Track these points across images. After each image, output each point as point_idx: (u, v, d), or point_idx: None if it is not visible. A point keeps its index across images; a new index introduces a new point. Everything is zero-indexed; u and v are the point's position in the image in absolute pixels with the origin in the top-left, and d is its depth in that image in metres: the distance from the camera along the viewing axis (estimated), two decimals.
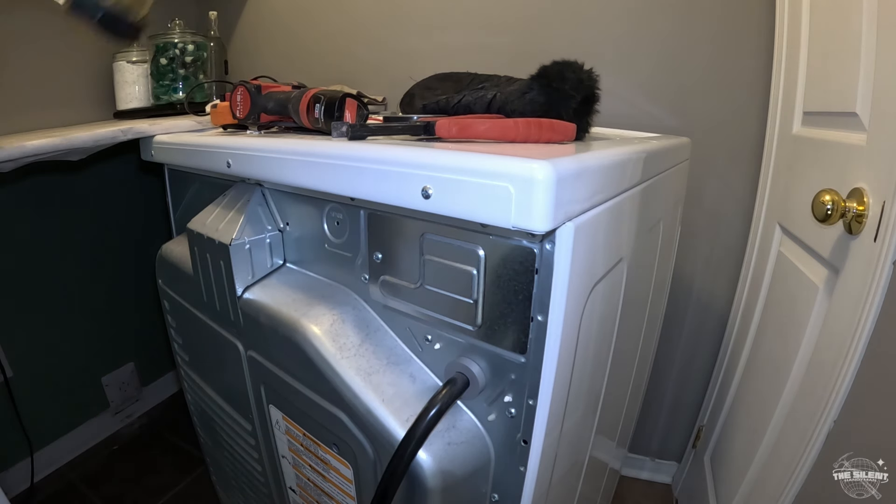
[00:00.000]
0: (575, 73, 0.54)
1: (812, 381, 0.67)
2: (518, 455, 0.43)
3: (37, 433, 1.21)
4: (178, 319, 0.76)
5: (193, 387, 0.80)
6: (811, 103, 0.78)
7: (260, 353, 0.56)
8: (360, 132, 0.46)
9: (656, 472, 1.29)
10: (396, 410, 0.43)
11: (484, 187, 0.32)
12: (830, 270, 0.66)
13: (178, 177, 0.81)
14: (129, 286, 1.39)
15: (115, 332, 1.38)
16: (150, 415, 1.50)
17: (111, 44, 0.79)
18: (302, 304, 0.50)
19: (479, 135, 0.45)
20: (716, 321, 1.12)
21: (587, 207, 0.38)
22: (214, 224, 0.57)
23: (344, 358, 0.46)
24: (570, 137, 0.50)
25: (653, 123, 1.02)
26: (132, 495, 1.20)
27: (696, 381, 1.18)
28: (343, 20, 1.27)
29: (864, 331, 0.55)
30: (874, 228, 0.54)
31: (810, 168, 0.75)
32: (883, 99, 0.56)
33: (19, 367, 1.16)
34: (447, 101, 0.61)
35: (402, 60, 1.21)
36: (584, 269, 0.39)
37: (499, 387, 0.42)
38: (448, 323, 0.43)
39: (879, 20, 0.57)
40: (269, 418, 0.59)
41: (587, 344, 0.45)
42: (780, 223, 0.87)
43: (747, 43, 0.95)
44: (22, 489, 1.18)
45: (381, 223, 0.46)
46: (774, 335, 0.84)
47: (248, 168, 0.52)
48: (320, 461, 0.53)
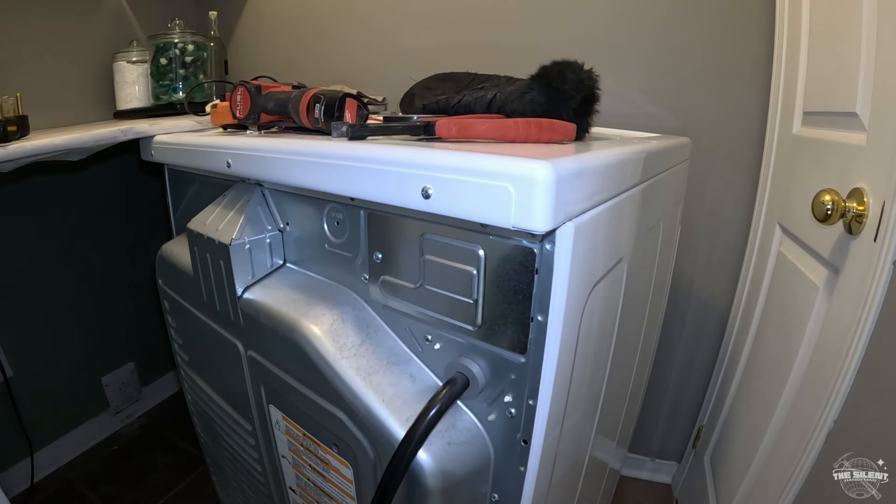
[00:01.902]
0: (575, 73, 0.54)
1: (812, 380, 0.67)
2: (518, 455, 0.43)
3: (37, 433, 1.21)
4: (178, 319, 0.76)
5: (193, 387, 0.80)
6: (811, 103, 0.78)
7: (260, 353, 0.56)
8: (360, 132, 0.46)
9: (656, 472, 1.29)
10: (396, 410, 0.43)
11: (484, 187, 0.32)
12: (830, 270, 0.66)
13: (178, 177, 0.81)
14: (130, 286, 1.39)
15: (115, 332, 1.38)
16: (150, 415, 1.50)
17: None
18: (302, 304, 0.50)
19: (479, 135, 0.45)
20: (716, 321, 1.12)
21: (587, 207, 0.38)
22: (214, 224, 0.57)
23: (344, 358, 0.46)
24: (570, 137, 0.50)
25: (653, 123, 1.02)
26: (132, 495, 1.20)
27: (696, 381, 1.18)
28: (343, 20, 1.27)
29: (864, 331, 0.55)
30: (874, 228, 0.54)
31: (810, 168, 0.75)
32: (883, 99, 0.56)
33: (19, 367, 1.16)
34: (447, 101, 0.61)
35: (402, 60, 1.21)
36: (584, 269, 0.39)
37: (499, 387, 0.42)
38: (448, 323, 0.43)
39: (879, 20, 0.57)
40: (269, 418, 0.59)
41: (587, 344, 0.45)
42: (780, 223, 0.87)
43: (747, 43, 0.95)
44: (22, 489, 1.18)
45: (381, 223, 0.46)
46: (774, 335, 0.84)
47: (248, 168, 0.52)
48: (320, 461, 0.53)
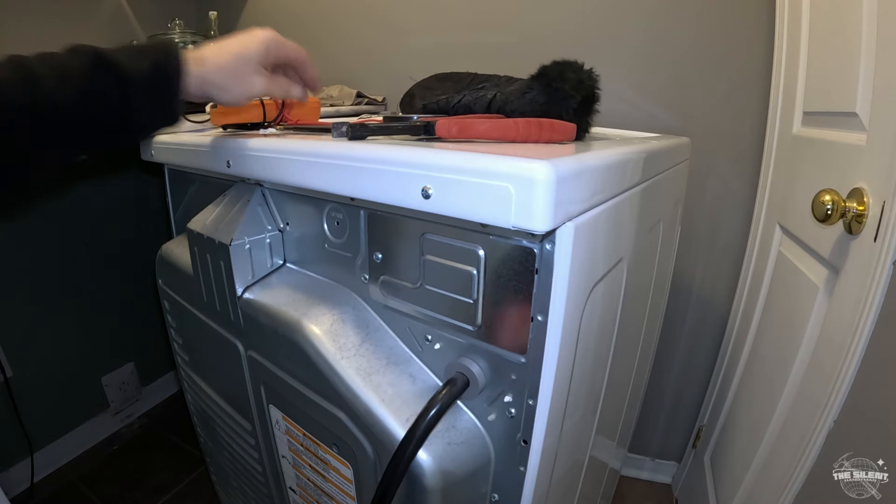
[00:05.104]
0: (575, 73, 0.54)
1: (812, 381, 0.67)
2: (518, 455, 0.43)
3: (37, 433, 1.21)
4: (178, 319, 0.76)
5: (193, 387, 0.80)
6: (811, 103, 0.78)
7: (260, 353, 0.56)
8: (360, 132, 0.46)
9: (656, 472, 1.29)
10: (396, 410, 0.43)
11: (484, 187, 0.32)
12: (830, 270, 0.66)
13: (178, 177, 0.81)
14: (129, 286, 1.39)
15: (115, 332, 1.38)
16: (150, 415, 1.50)
17: None
18: (302, 304, 0.50)
19: (479, 135, 0.45)
20: (716, 321, 1.12)
21: (587, 207, 0.38)
22: (214, 224, 0.57)
23: (344, 358, 0.46)
24: (570, 137, 0.50)
25: (653, 123, 1.02)
26: (132, 495, 1.20)
27: (696, 381, 1.18)
28: (343, 21, 1.27)
29: (864, 331, 0.55)
30: (874, 228, 0.54)
31: (810, 168, 0.75)
32: (883, 99, 0.56)
33: (19, 367, 1.16)
34: (447, 101, 0.61)
35: (402, 60, 1.21)
36: (584, 269, 0.39)
37: (499, 387, 0.42)
38: (448, 323, 0.43)
39: (879, 20, 0.57)
40: (269, 418, 0.59)
41: (587, 344, 0.45)
42: (780, 223, 0.87)
43: (747, 43, 0.95)
44: (22, 489, 1.18)
45: (381, 223, 0.46)
46: (774, 335, 0.84)
47: (248, 168, 0.52)
48: (320, 461, 0.53)
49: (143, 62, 0.41)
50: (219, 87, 0.46)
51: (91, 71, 0.39)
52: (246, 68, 0.47)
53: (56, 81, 0.38)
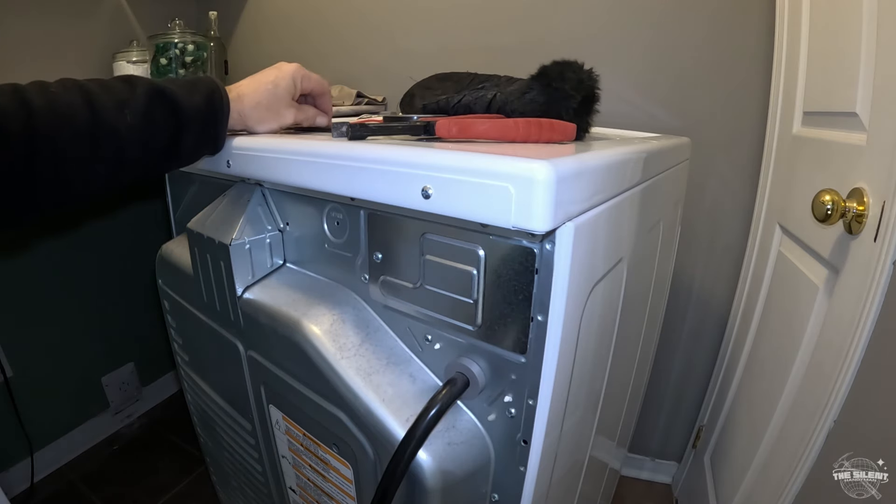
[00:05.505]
0: (575, 73, 0.54)
1: (812, 380, 0.67)
2: (518, 455, 0.43)
3: (37, 433, 1.21)
4: (178, 319, 0.76)
5: (193, 387, 0.80)
6: (811, 103, 0.78)
7: (260, 353, 0.56)
8: (360, 132, 0.46)
9: (656, 472, 1.29)
10: (396, 410, 0.43)
11: (484, 187, 0.32)
12: (830, 270, 0.66)
13: (178, 177, 0.81)
14: (129, 286, 1.39)
15: (115, 332, 1.38)
16: (150, 415, 1.50)
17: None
18: (302, 304, 0.50)
19: (479, 135, 0.45)
20: (716, 321, 1.12)
21: (587, 207, 0.38)
22: (214, 224, 0.57)
23: (344, 358, 0.46)
24: (570, 137, 0.50)
25: (653, 123, 1.02)
26: (132, 495, 1.20)
27: (696, 381, 1.18)
28: (343, 21, 1.27)
29: (864, 331, 0.55)
30: (874, 228, 0.54)
31: (810, 168, 0.75)
32: (883, 99, 0.56)
33: (19, 367, 1.16)
34: (447, 101, 0.61)
35: (402, 60, 1.21)
36: (583, 269, 0.39)
37: (499, 387, 0.42)
38: (448, 323, 0.43)
39: (879, 20, 0.57)
40: (269, 418, 0.59)
41: (587, 344, 0.45)
42: (780, 223, 0.87)
43: (747, 43, 0.95)
44: (22, 489, 1.18)
45: (381, 223, 0.46)
46: (774, 335, 0.84)
47: (248, 168, 0.52)
48: (320, 461, 0.53)
49: (197, 97, 0.46)
50: (256, 121, 0.52)
51: (146, 100, 0.42)
52: (279, 104, 0.53)
53: (114, 106, 0.41)
